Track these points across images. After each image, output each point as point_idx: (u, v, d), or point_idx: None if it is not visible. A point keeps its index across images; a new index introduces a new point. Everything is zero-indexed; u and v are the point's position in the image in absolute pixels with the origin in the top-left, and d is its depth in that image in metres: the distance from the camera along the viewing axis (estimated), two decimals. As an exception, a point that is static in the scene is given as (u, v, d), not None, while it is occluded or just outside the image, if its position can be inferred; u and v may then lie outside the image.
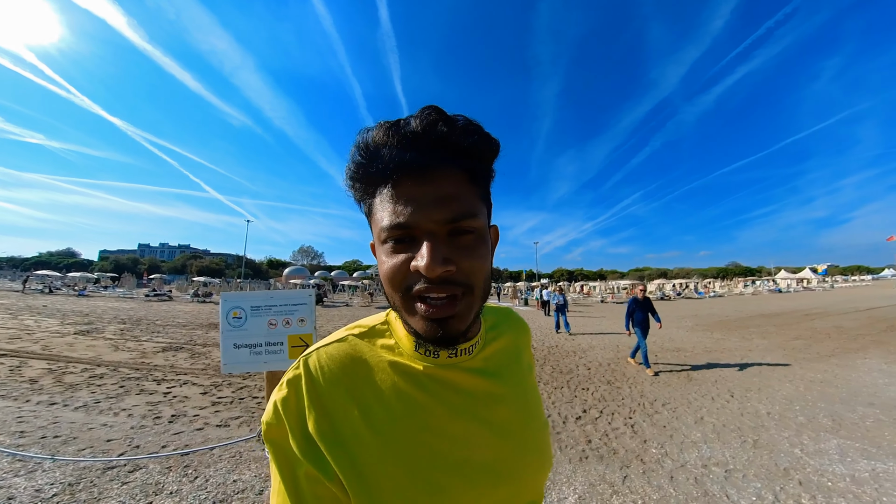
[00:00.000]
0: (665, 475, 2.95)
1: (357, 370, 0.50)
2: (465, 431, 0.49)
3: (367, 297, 27.29)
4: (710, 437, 3.63)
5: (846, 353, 7.58)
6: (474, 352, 0.54)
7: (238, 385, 5.33)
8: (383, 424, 0.46)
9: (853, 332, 10.40)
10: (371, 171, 0.45)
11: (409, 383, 0.49)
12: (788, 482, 2.83)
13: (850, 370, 6.15)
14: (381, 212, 0.45)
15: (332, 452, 0.44)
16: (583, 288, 41.70)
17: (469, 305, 0.45)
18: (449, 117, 0.45)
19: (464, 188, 0.45)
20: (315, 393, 0.47)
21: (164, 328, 10.97)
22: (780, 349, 8.10)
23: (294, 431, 0.45)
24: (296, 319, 1.68)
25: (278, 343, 1.67)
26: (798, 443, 3.49)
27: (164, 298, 24.91)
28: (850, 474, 2.93)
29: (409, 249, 0.44)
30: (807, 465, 3.07)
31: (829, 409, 4.35)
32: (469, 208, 0.45)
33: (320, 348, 0.52)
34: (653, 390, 5.25)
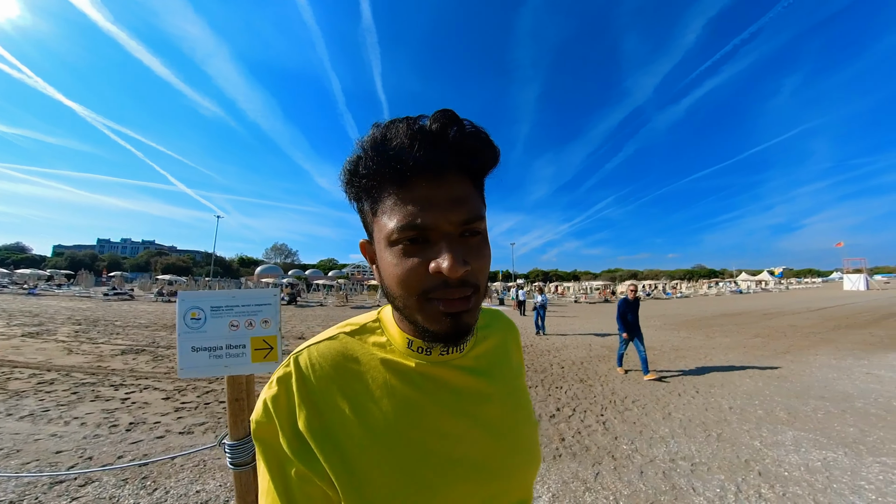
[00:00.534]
0: (635, 470, 3.02)
1: (348, 368, 0.50)
2: (455, 429, 0.49)
3: (343, 297, 26.68)
4: (677, 432, 3.75)
5: (799, 350, 8.07)
6: (465, 350, 0.55)
7: (204, 389, 5.08)
8: (375, 422, 0.46)
9: (805, 330, 11.10)
10: (382, 168, 0.44)
11: (401, 380, 0.50)
12: (749, 473, 2.96)
13: (804, 366, 6.55)
14: (391, 212, 0.44)
15: (323, 450, 0.44)
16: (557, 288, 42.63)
17: (478, 303, 0.47)
18: (462, 121, 0.45)
19: (471, 191, 0.47)
20: (306, 390, 0.47)
21: (125, 329, 10.36)
22: (740, 347, 8.52)
23: (284, 430, 0.46)
24: (259, 321, 1.58)
25: (240, 346, 1.56)
26: (758, 435, 3.66)
27: (126, 297, 23.53)
28: (804, 464, 3.10)
29: (422, 251, 0.44)
30: (766, 457, 3.23)
31: (785, 402, 4.61)
32: (478, 210, 0.46)
33: (311, 346, 0.52)
34: (623, 388, 5.40)
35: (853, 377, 5.75)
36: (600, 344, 9.21)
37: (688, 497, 2.65)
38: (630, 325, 6.25)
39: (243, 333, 1.60)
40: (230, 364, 1.56)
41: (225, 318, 1.62)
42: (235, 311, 1.63)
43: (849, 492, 2.70)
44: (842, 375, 5.86)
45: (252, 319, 1.62)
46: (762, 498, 2.63)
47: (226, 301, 1.63)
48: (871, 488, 2.73)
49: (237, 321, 1.61)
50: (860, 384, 5.37)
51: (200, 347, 1.57)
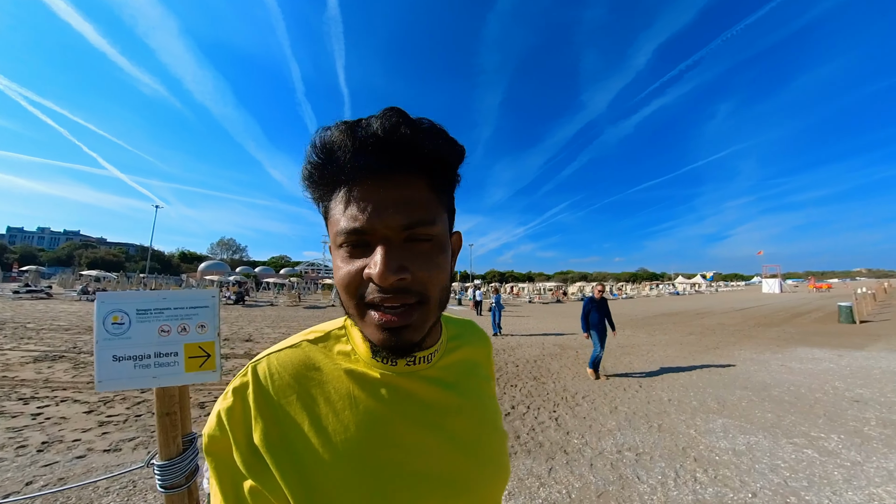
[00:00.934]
0: (586, 463, 3.15)
1: (310, 377, 0.48)
2: (421, 443, 0.47)
3: (295, 296, 25.25)
4: (623, 425, 3.98)
5: (727, 345, 8.93)
6: (433, 360, 0.54)
7: (135, 399, 4.59)
8: (336, 434, 0.44)
9: (731, 328, 12.33)
10: (328, 172, 0.43)
11: (365, 391, 0.48)
12: (686, 459, 3.20)
13: (729, 359, 7.25)
14: (336, 215, 0.44)
15: (279, 464, 0.42)
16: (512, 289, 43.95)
17: (424, 316, 0.44)
18: (412, 120, 0.43)
19: (423, 193, 0.44)
20: (263, 401, 0.45)
21: (39, 332, 9.13)
22: (677, 343, 9.27)
23: (239, 443, 0.43)
24: (194, 325, 1.42)
25: (171, 353, 1.39)
26: (693, 424, 3.98)
27: (41, 296, 20.77)
28: (732, 448, 3.41)
29: (364, 255, 0.42)
30: (700, 443, 3.51)
31: (716, 393, 5.05)
32: (427, 215, 0.43)
33: (271, 354, 0.50)
34: (574, 384, 5.64)
35: (770, 369, 6.45)
36: (553, 342, 9.58)
37: (634, 485, 2.80)
38: (593, 325, 6.07)
39: (175, 339, 1.43)
40: (160, 374, 1.38)
41: (154, 322, 1.44)
42: (166, 314, 1.45)
43: (768, 470, 3.00)
44: (761, 368, 6.55)
45: (186, 324, 1.45)
46: (697, 481, 2.85)
47: (155, 303, 1.44)
48: (786, 466, 3.07)
49: (168, 326, 1.43)
50: (776, 375, 6.04)
51: (124, 356, 1.38)
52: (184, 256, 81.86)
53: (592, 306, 6.16)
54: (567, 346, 9.01)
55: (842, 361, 6.96)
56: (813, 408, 4.46)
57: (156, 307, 1.50)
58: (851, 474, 2.95)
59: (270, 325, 12.33)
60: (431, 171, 0.45)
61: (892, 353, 7.62)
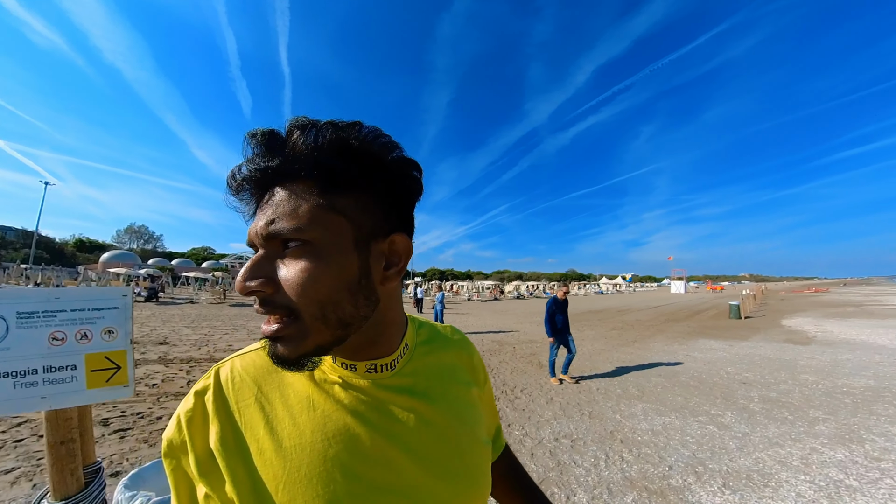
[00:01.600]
0: (527, 453, 3.29)
1: (271, 381, 0.46)
2: (381, 453, 0.44)
3: (220, 293, 22.82)
4: (558, 415, 4.23)
5: (643, 339, 9.98)
6: (397, 367, 0.50)
7: (13, 421, 3.77)
8: (290, 438, 0.42)
9: (647, 323, 13.82)
10: (232, 196, 0.43)
11: (324, 396, 0.46)
12: (614, 442, 3.49)
13: (646, 351, 8.11)
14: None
15: (231, 467, 0.40)
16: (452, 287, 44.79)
17: (299, 332, 0.39)
18: (308, 123, 0.40)
19: (304, 198, 0.39)
20: (222, 404, 0.44)
21: None
22: (602, 338, 10.14)
23: (195, 447, 0.42)
24: (99, 331, 1.18)
25: (68, 367, 1.14)
26: (618, 410, 4.36)
27: None
28: (651, 429, 3.80)
29: None
30: (624, 427, 3.85)
31: (636, 381, 5.61)
32: (296, 215, 0.38)
33: (235, 358, 0.49)
34: (513, 379, 5.87)
35: (678, 358, 7.34)
36: (491, 339, 9.92)
37: (571, 470, 2.99)
38: (559, 328, 5.76)
39: (73, 349, 1.15)
40: (52, 394, 1.09)
41: (42, 328, 1.14)
42: (60, 318, 1.16)
43: (680, 446, 3.40)
44: (671, 357, 7.42)
45: (87, 329, 1.17)
46: (624, 461, 3.13)
47: (43, 304, 1.15)
48: (693, 441, 3.50)
49: (63, 332, 1.15)
50: (683, 363, 6.87)
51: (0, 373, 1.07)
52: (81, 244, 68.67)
53: (557, 308, 5.81)
54: (505, 342, 9.38)
55: (732, 350, 8.16)
56: (712, 390, 5.16)
57: (45, 309, 1.20)
58: (742, 443, 3.46)
59: (190, 324, 11.07)
60: (319, 176, 0.39)
61: (768, 343, 9.12)
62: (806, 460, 3.15)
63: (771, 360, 7.10)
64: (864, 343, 8.73)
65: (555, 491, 2.70)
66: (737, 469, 3.01)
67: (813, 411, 4.29)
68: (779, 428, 3.81)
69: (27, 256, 41.73)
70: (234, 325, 11.51)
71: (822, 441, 3.51)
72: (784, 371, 6.19)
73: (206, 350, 7.45)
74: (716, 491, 2.70)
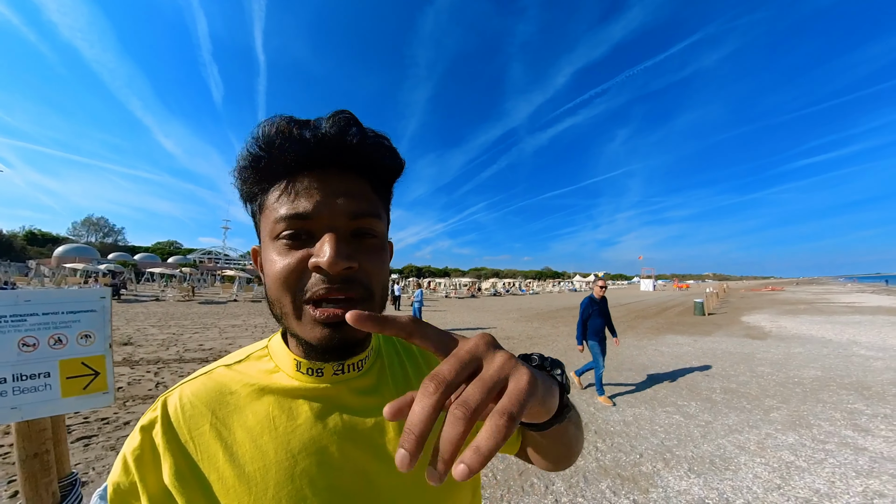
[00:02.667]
0: (506, 447, 3.38)
1: (225, 402, 0.44)
2: (350, 461, 0.43)
3: (188, 290, 21.79)
4: (536, 409, 4.36)
5: (615, 332, 10.40)
6: (364, 367, 0.50)
7: None
8: (253, 462, 0.41)
9: (618, 320, 14.28)
10: (270, 164, 0.41)
11: (286, 410, 0.44)
12: (588, 433, 3.64)
13: (618, 347, 8.43)
14: (276, 205, 0.41)
15: (190, 500, 0.38)
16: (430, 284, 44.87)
17: (372, 310, 0.39)
18: (362, 126, 0.43)
19: (368, 191, 0.44)
20: (172, 436, 0.42)
21: None
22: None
23: (148, 487, 0.39)
24: (75, 335, 1.13)
25: (40, 374, 1.09)
26: (592, 402, 4.54)
27: None
28: (623, 419, 3.99)
29: (305, 246, 0.40)
30: (598, 418, 4.03)
31: (607, 375, 5.81)
32: (373, 208, 0.43)
33: (183, 384, 0.46)
34: (494, 373, 5.99)
35: (647, 353, 7.69)
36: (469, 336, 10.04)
37: (547, 464, 3.12)
38: (594, 332, 4.67)
39: (45, 355, 1.09)
40: (23, 404, 1.03)
41: (10, 333, 1.08)
42: (30, 322, 1.10)
43: (650, 434, 3.59)
44: (641, 352, 7.76)
45: (61, 334, 1.11)
46: (598, 450, 3.28)
47: (11, 307, 1.08)
48: (662, 430, 3.70)
49: (34, 338, 1.09)
50: (651, 357, 7.21)
51: None
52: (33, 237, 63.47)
53: (594, 309, 4.70)
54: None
55: (696, 345, 8.62)
56: (678, 382, 5.45)
57: (14, 313, 1.14)
58: (706, 431, 3.69)
59: (156, 323, 10.56)
60: (374, 176, 0.45)
61: (729, 338, 9.68)
62: (762, 444, 3.40)
63: (731, 353, 7.56)
64: (814, 337, 9.43)
65: (534, 481, 2.80)
66: (701, 455, 3.21)
67: (768, 400, 4.62)
68: (738, 416, 4.09)
69: (-32, 251, 38.43)
70: (205, 323, 11.08)
71: (775, 427, 3.80)
72: (743, 364, 6.61)
73: (175, 350, 7.15)
74: (682, 475, 2.88)
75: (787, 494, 2.64)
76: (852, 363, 6.48)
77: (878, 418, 3.97)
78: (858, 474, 2.89)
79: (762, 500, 2.58)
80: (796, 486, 2.74)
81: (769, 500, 2.57)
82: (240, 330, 10.00)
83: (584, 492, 2.69)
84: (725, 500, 2.58)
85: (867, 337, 9.14)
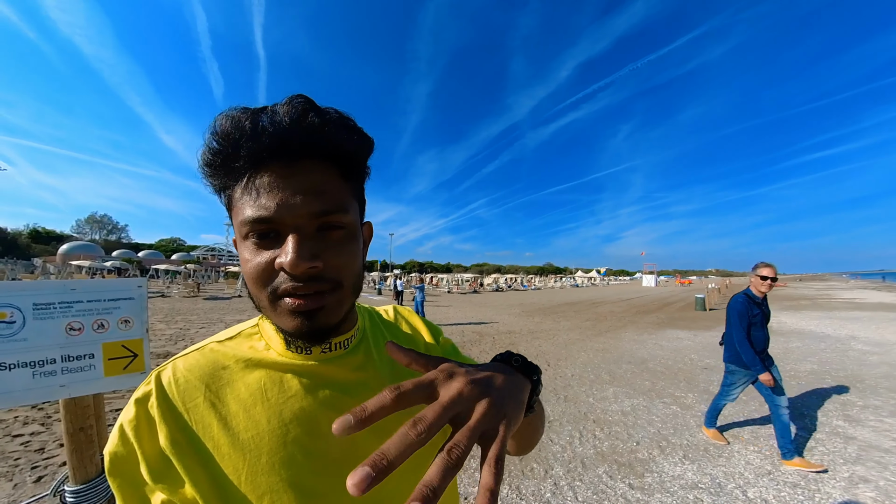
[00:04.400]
0: (508, 435, 3.51)
1: (218, 377, 0.46)
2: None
3: (193, 285, 21.95)
4: (537, 400, 4.49)
5: (616, 329, 10.47)
6: (350, 346, 0.54)
7: None
8: (246, 431, 0.43)
9: (619, 315, 14.43)
10: (229, 159, 0.41)
11: (278, 384, 0.47)
12: (587, 422, 3.77)
13: (618, 341, 8.55)
14: (241, 204, 0.42)
15: (188, 467, 0.40)
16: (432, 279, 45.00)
17: (339, 300, 0.44)
18: (320, 109, 0.42)
19: (334, 183, 0.43)
20: (167, 407, 0.43)
21: None
22: (577, 328, 10.57)
23: (146, 454, 0.41)
24: (116, 320, 1.25)
25: (85, 356, 1.20)
26: (591, 393, 4.66)
27: None
28: (621, 410, 4.11)
29: (273, 245, 0.41)
30: (597, 409, 4.15)
31: (608, 368, 5.96)
32: (338, 203, 0.43)
33: (176, 360, 0.48)
34: (496, 367, 6.11)
35: (647, 347, 7.80)
36: (472, 330, 10.16)
37: (548, 447, 3.25)
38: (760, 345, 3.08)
39: (90, 339, 1.21)
40: (70, 382, 1.15)
41: (59, 318, 1.20)
42: (76, 308, 1.22)
43: (646, 424, 3.71)
44: (640, 346, 7.87)
45: (104, 319, 1.24)
46: (596, 438, 3.41)
47: (59, 295, 1.20)
48: (659, 420, 3.83)
49: (80, 323, 1.21)
50: (651, 351, 7.32)
51: (17, 363, 1.12)
52: (37, 235, 64.12)
53: (757, 315, 3.08)
54: (485, 333, 9.63)
55: (696, 339, 8.72)
56: (677, 375, 5.57)
57: (60, 300, 1.26)
58: (702, 421, 3.80)
59: (163, 319, 10.74)
60: (340, 161, 0.44)
61: (727, 330, 9.80)
62: (755, 434, 3.52)
63: (730, 347, 7.67)
64: (812, 332, 9.51)
65: (534, 466, 2.93)
66: (695, 443, 3.33)
67: (763, 392, 4.74)
68: (734, 407, 4.19)
69: (-25, 248, 38.79)
70: (210, 318, 11.24)
71: (770, 417, 3.91)
72: (741, 357, 6.72)
73: (183, 345, 7.30)
74: (677, 462, 3.01)
75: (777, 479, 2.76)
76: (848, 357, 6.57)
77: (869, 409, 4.09)
78: (846, 461, 3.00)
79: (753, 484, 2.70)
80: (786, 472, 2.86)
81: (759, 485, 2.69)
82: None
83: (583, 476, 2.81)
84: (717, 485, 2.70)
85: (866, 332, 9.22)
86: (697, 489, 2.65)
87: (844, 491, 2.62)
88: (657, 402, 4.39)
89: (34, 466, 2.85)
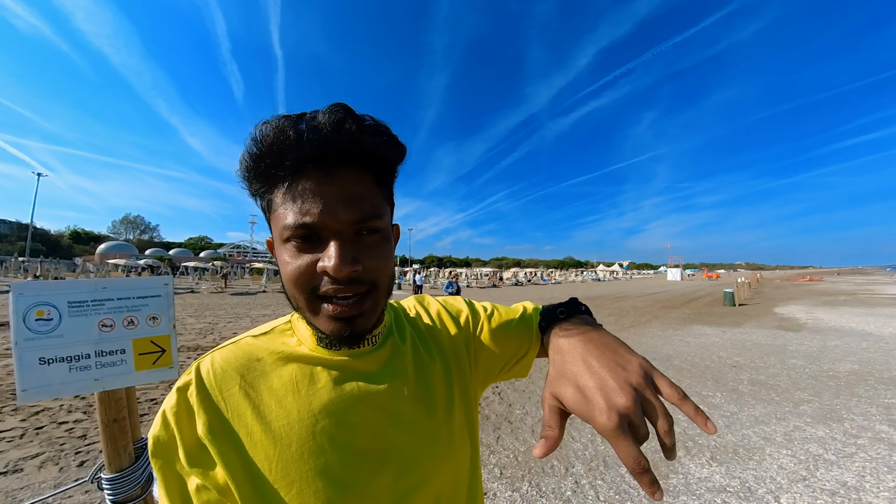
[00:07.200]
0: (528, 430, 3.49)
1: (253, 369, 0.49)
2: (366, 421, 0.49)
3: (221, 281, 22.91)
4: (557, 397, 4.43)
5: (639, 325, 10.23)
6: (378, 342, 0.56)
7: (31, 410, 3.92)
8: (278, 420, 0.46)
9: (643, 310, 14.07)
10: (271, 165, 0.43)
11: (308, 377, 0.50)
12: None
13: (642, 336, 8.34)
14: (283, 209, 0.44)
15: (222, 453, 0.43)
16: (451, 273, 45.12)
17: (375, 302, 0.47)
18: (358, 116, 0.45)
19: (370, 189, 0.46)
20: (206, 396, 0.46)
21: None
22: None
23: (185, 440, 0.44)
24: (145, 317, 1.30)
25: (117, 351, 1.26)
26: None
27: None
28: (644, 412, 4.00)
29: (314, 249, 0.44)
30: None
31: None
32: (375, 209, 0.46)
33: (214, 352, 0.51)
34: (515, 363, 6.08)
35: (672, 343, 7.57)
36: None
37: (570, 445, 3.21)
38: None
39: (121, 335, 1.28)
40: (104, 376, 1.22)
41: (92, 316, 1.27)
42: (108, 306, 1.29)
43: (671, 428, 3.61)
44: (665, 343, 7.65)
45: (133, 316, 1.30)
46: (618, 440, 3.34)
47: (92, 293, 1.27)
48: (684, 419, 3.67)
49: (111, 319, 1.28)
50: (676, 348, 7.10)
51: (55, 358, 1.20)
52: (77, 236, 68.41)
53: None
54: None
55: (724, 336, 8.40)
56: (703, 373, 5.38)
57: (94, 298, 1.33)
58: (730, 421, 3.67)
59: (193, 314, 11.21)
60: (375, 167, 0.46)
61: (760, 329, 9.36)
62: (789, 437, 3.35)
63: (762, 345, 7.33)
64: (853, 330, 8.99)
65: (555, 464, 2.90)
66: (724, 444, 3.21)
67: (798, 393, 4.50)
68: (765, 408, 4.02)
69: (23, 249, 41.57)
70: (237, 313, 11.66)
71: (805, 420, 3.72)
72: (774, 356, 6.41)
73: (212, 338, 7.61)
74: (704, 463, 2.90)
75: (813, 486, 2.63)
76: (894, 357, 6.17)
77: (918, 413, 3.82)
78: (891, 469, 2.82)
79: (786, 490, 2.58)
80: (823, 479, 2.71)
81: (793, 491, 2.57)
82: (271, 319, 10.48)
83: (604, 475, 2.76)
84: (747, 489, 2.59)
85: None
86: (725, 493, 2.55)
87: (888, 502, 2.46)
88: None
89: (77, 451, 3.04)
